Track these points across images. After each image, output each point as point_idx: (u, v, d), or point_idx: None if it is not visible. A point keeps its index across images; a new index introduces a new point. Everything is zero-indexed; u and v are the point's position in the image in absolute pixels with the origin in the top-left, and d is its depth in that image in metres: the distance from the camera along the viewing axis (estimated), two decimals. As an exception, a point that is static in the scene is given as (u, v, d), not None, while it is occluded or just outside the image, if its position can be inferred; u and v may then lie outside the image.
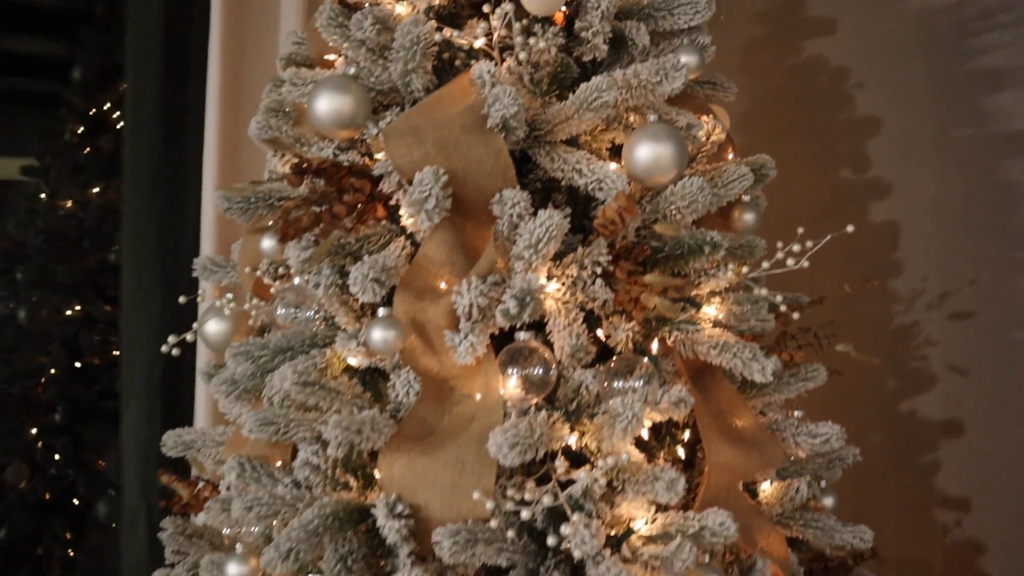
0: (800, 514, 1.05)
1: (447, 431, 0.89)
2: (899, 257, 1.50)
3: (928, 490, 1.48)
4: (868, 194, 1.51)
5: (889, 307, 1.51)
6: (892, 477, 1.47)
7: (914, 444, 1.50)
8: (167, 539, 1.06)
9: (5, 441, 2.16)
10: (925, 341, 1.48)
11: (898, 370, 1.50)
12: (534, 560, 0.87)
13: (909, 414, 1.51)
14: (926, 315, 1.49)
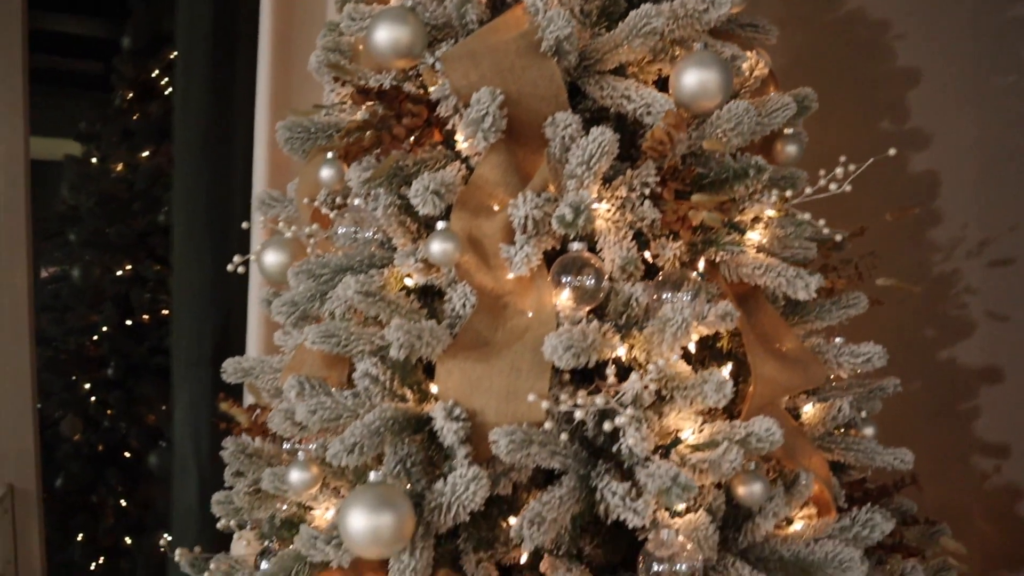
0: (842, 438, 1.08)
1: (502, 342, 0.93)
2: (939, 205, 1.51)
3: (967, 437, 1.49)
4: (908, 143, 1.52)
5: (928, 256, 1.52)
6: (930, 425, 1.48)
7: (953, 392, 1.52)
8: (229, 457, 1.10)
9: (60, 395, 2.24)
10: (964, 289, 1.50)
11: (937, 318, 1.52)
12: (585, 467, 0.91)
13: (948, 362, 1.52)
14: (966, 263, 1.50)
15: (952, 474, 1.46)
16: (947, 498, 1.37)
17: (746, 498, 0.91)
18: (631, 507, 0.84)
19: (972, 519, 1.46)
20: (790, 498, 0.95)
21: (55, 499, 2.15)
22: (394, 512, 0.82)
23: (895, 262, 1.34)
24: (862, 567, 0.87)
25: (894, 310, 1.12)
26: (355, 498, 0.82)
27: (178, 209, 1.98)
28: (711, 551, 0.87)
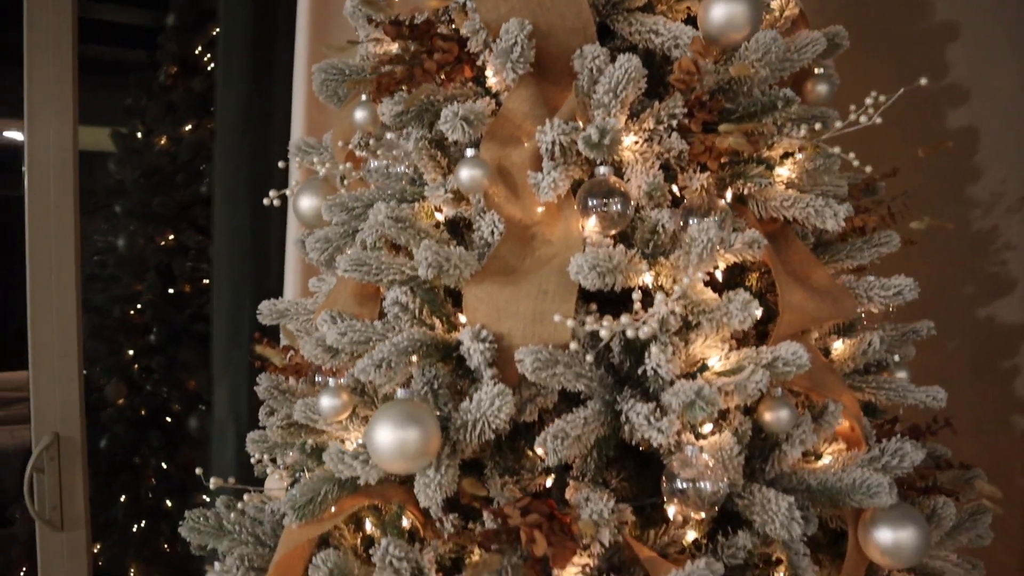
0: (873, 377, 1.07)
1: (529, 268, 0.94)
2: (977, 162, 1.49)
3: (1007, 395, 1.46)
4: (946, 101, 1.50)
5: (967, 212, 1.50)
6: (969, 383, 1.46)
7: (992, 349, 1.49)
8: (263, 393, 1.13)
9: (105, 361, 2.31)
10: (1004, 245, 1.47)
11: (976, 275, 1.49)
12: (611, 393, 0.91)
13: (987, 319, 1.49)
14: (1005, 219, 1.47)
15: (992, 433, 1.43)
16: (986, 456, 1.34)
17: (773, 424, 0.91)
18: (655, 426, 0.84)
19: (1012, 477, 1.43)
20: (818, 428, 0.94)
21: (100, 460, 2.22)
22: (420, 427, 0.84)
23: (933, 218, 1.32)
24: (891, 493, 0.87)
25: (933, 267, 1.11)
26: (382, 413, 0.84)
27: (219, 180, 2.03)
28: (735, 473, 0.87)
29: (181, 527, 1.04)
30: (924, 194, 1.25)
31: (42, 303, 1.62)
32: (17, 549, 2.20)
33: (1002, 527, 1.10)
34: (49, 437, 1.56)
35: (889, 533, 0.92)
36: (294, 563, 0.95)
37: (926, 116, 1.48)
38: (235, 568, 0.96)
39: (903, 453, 0.92)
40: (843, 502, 0.89)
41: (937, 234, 1.34)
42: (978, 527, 1.06)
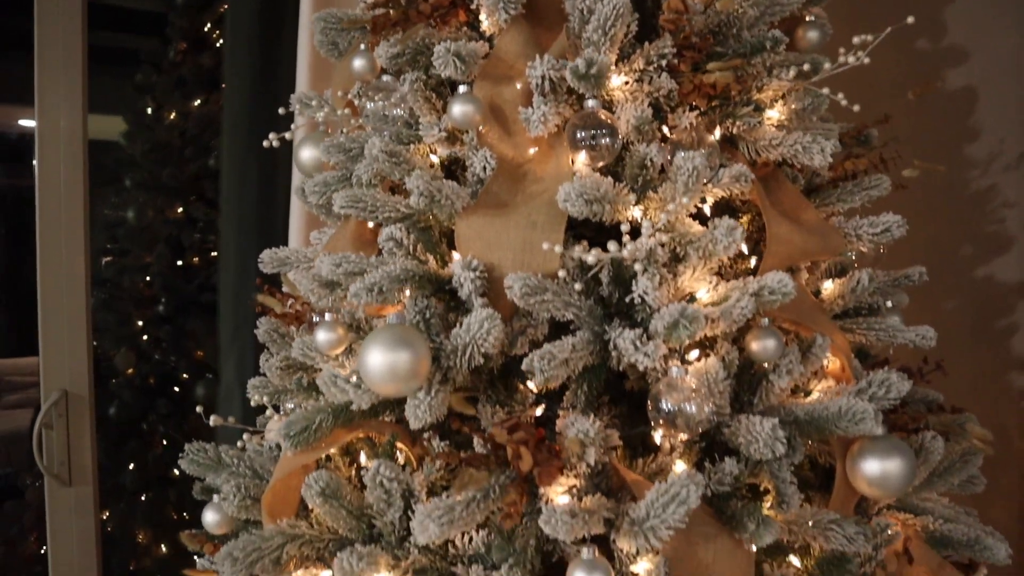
0: (864, 319, 1.08)
1: (520, 203, 0.96)
2: (976, 121, 1.49)
3: (1005, 354, 1.47)
4: (945, 61, 1.50)
5: (965, 172, 1.50)
6: (968, 343, 1.46)
7: (990, 309, 1.49)
8: (263, 336, 1.15)
9: (115, 331, 2.35)
10: (1002, 203, 1.47)
11: (974, 235, 1.49)
12: (600, 324, 0.93)
13: (985, 279, 1.49)
14: (1003, 177, 1.47)
15: (990, 392, 1.43)
16: (984, 417, 1.34)
17: (759, 354, 0.92)
18: (642, 350, 0.86)
19: (1011, 438, 1.43)
20: (806, 361, 0.95)
21: (108, 427, 2.26)
22: (411, 350, 0.85)
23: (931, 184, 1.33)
24: (876, 420, 0.88)
25: (930, 229, 1.12)
26: (374, 337, 0.86)
27: (227, 154, 2.06)
28: (722, 399, 0.88)
29: (181, 459, 1.07)
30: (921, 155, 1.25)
31: (51, 260, 1.65)
32: (29, 515, 2.24)
33: (999, 487, 1.11)
34: (57, 393, 1.59)
35: (876, 464, 0.93)
36: (289, 492, 0.97)
37: (925, 76, 1.49)
38: (232, 495, 0.98)
39: (889, 383, 0.92)
40: (829, 431, 0.90)
41: (935, 195, 1.35)
42: (969, 468, 1.07)
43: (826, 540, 0.89)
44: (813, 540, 0.90)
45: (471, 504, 0.80)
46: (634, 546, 0.79)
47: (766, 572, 0.90)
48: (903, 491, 0.93)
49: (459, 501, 0.79)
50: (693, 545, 0.82)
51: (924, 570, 0.99)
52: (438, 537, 0.78)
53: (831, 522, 0.89)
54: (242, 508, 0.98)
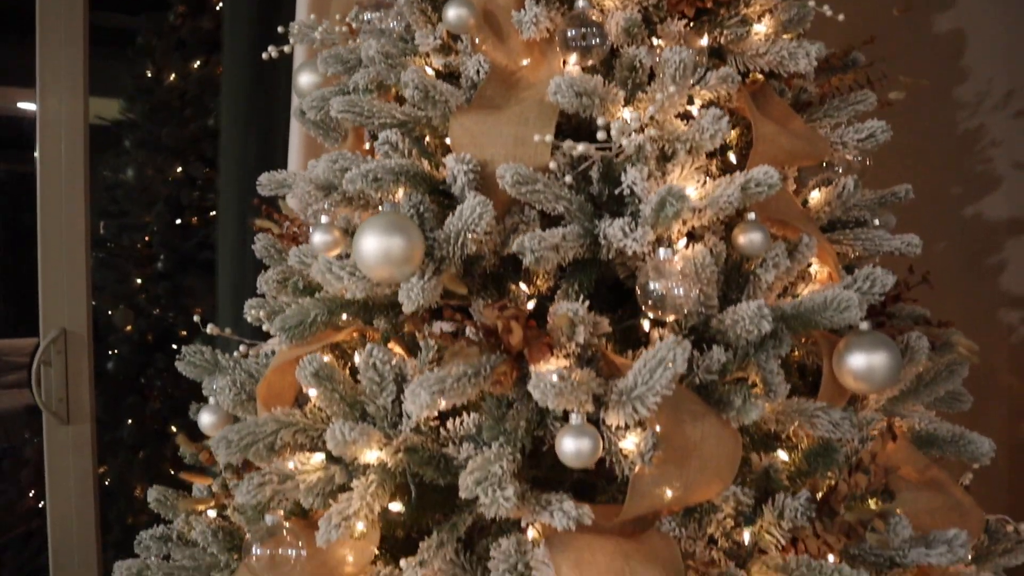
0: (851, 230, 1.09)
1: (512, 104, 0.98)
2: (965, 63, 1.51)
3: (994, 290, 1.48)
4: (930, 6, 1.53)
5: (953, 114, 1.52)
6: (958, 282, 1.47)
7: (980, 246, 1.51)
8: (260, 251, 1.17)
9: (114, 288, 2.37)
10: (990, 143, 1.49)
11: (963, 175, 1.51)
12: (590, 220, 0.94)
13: (974, 217, 1.51)
14: (991, 117, 1.49)
15: (980, 328, 1.44)
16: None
17: (746, 247, 0.94)
18: (630, 236, 0.88)
19: (999, 374, 1.44)
20: (792, 258, 0.97)
21: (107, 382, 2.28)
22: (404, 235, 0.87)
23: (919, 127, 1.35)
24: (860, 308, 0.89)
25: (920, 171, 1.13)
26: (368, 223, 0.87)
27: (226, 114, 2.08)
28: (708, 287, 0.90)
29: (178, 362, 1.08)
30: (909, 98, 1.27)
31: (51, 201, 1.66)
32: (27, 471, 2.25)
33: (988, 423, 1.12)
34: (56, 331, 1.60)
35: (862, 358, 0.94)
36: (284, 388, 0.99)
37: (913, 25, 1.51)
38: (227, 390, 0.99)
39: (874, 277, 0.94)
40: (815, 323, 0.92)
41: (923, 138, 1.37)
42: (955, 379, 1.09)
43: (812, 427, 0.90)
44: (800, 428, 0.91)
45: (462, 378, 0.81)
46: (622, 417, 0.80)
47: (754, 463, 0.92)
48: (889, 385, 0.95)
49: (451, 374, 0.80)
50: (681, 423, 0.84)
51: (910, 470, 1.00)
52: (429, 406, 0.79)
53: (817, 409, 0.90)
54: (237, 403, 0.99)
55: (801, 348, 1.02)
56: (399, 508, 0.86)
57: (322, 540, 0.81)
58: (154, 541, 1.09)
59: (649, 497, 0.82)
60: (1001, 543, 1.05)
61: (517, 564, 0.80)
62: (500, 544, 0.81)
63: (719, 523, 0.88)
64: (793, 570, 0.83)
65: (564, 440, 0.78)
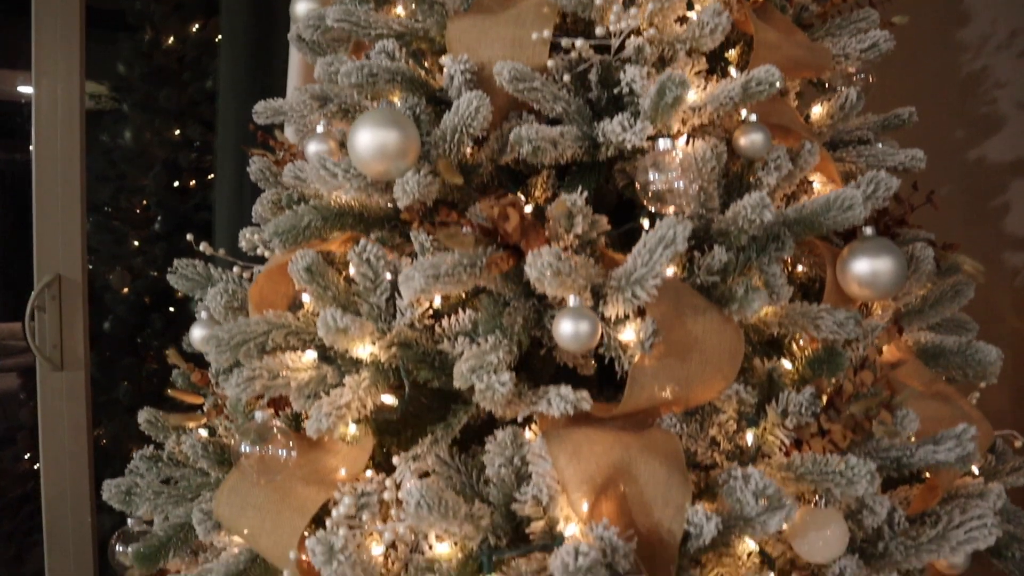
0: (854, 146, 1.08)
1: (510, 6, 0.96)
2: (967, 5, 1.50)
3: (998, 234, 1.46)
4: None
5: (956, 56, 1.50)
6: (962, 226, 1.46)
7: (983, 189, 1.49)
8: (255, 173, 1.15)
9: (111, 249, 2.35)
10: (994, 84, 1.47)
11: (967, 117, 1.50)
12: (588, 124, 0.93)
13: (977, 161, 1.50)
14: (995, 58, 1.48)
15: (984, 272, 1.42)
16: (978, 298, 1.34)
17: (747, 149, 0.92)
18: (630, 131, 0.86)
19: (1004, 317, 1.42)
20: (795, 166, 0.95)
21: (104, 342, 2.26)
22: (400, 130, 0.86)
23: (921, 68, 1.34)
24: (864, 206, 0.87)
25: (922, 114, 1.11)
26: (363, 117, 0.86)
27: (223, 75, 2.07)
28: (709, 183, 0.88)
29: (170, 275, 1.06)
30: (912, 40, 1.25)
31: (47, 143, 1.64)
32: (23, 435, 2.23)
33: None
34: (51, 276, 1.58)
35: (866, 263, 0.93)
36: (277, 296, 0.97)
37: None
38: (218, 296, 0.97)
39: (878, 180, 0.92)
40: (819, 224, 0.90)
41: (926, 81, 1.36)
42: (960, 299, 1.07)
43: (816, 330, 0.88)
44: (804, 338, 0.89)
45: (458, 266, 0.79)
46: (621, 304, 0.79)
47: (756, 367, 0.90)
48: (894, 291, 0.93)
49: (446, 261, 0.79)
50: (681, 316, 0.82)
51: (916, 383, 0.98)
52: (423, 290, 0.77)
53: (821, 310, 0.88)
54: (228, 312, 0.97)
55: (806, 259, 1.00)
56: (392, 401, 0.84)
57: (312, 430, 0.79)
58: (144, 462, 1.07)
59: (649, 390, 0.80)
60: (1008, 463, 1.03)
61: (513, 457, 0.78)
62: (496, 436, 0.79)
63: (721, 425, 0.86)
64: (798, 467, 0.80)
65: (562, 323, 0.76)
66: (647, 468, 0.76)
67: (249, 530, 0.85)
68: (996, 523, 0.86)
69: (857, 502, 0.83)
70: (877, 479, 0.76)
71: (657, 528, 0.76)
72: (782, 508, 0.73)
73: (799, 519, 0.82)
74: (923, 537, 0.86)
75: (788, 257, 0.91)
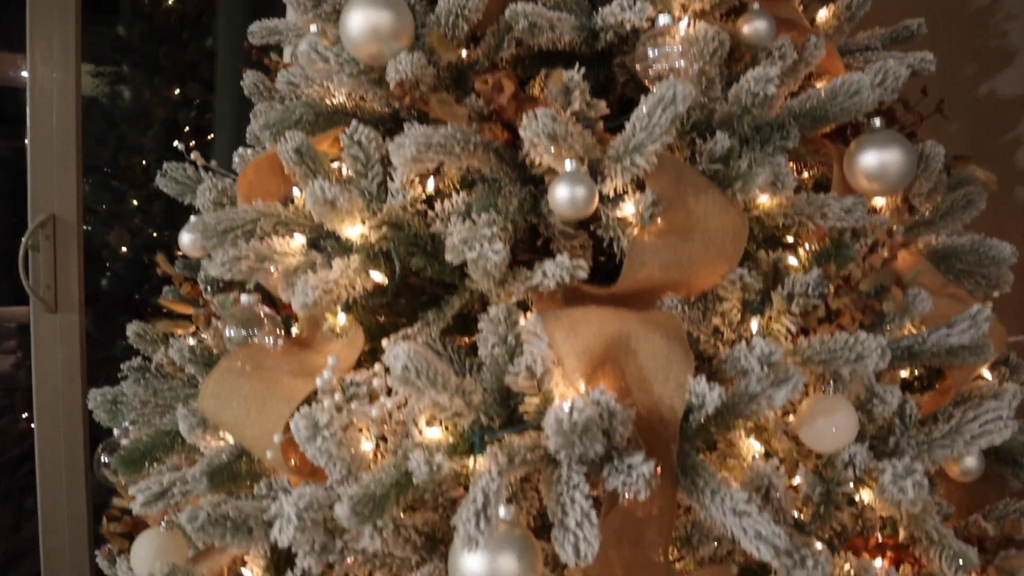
0: (860, 52, 1.05)
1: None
2: (976, -62, 1.47)
3: (1009, 169, 1.43)
4: None
5: (967, -9, 1.48)
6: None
7: (994, 126, 1.46)
8: (248, 87, 1.13)
9: (110, 208, 2.33)
10: (1004, 16, 1.44)
11: (977, 53, 1.46)
12: (587, 16, 0.90)
13: (988, 95, 1.46)
14: (1006, -12, 1.45)
15: (994, 208, 1.39)
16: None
17: (751, 37, 0.90)
18: (630, 10, 0.84)
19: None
20: (800, 54, 0.92)
21: (101, 298, 2.23)
22: (392, 9, 0.83)
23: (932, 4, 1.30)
24: (872, 90, 0.84)
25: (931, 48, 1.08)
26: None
27: (222, 33, 2.06)
28: (711, 66, 0.85)
29: (159, 178, 1.04)
30: None
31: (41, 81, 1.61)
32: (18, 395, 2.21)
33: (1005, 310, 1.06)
34: (44, 215, 1.56)
35: (875, 156, 0.90)
36: (266, 191, 0.94)
37: None
38: (207, 192, 0.95)
39: (886, 69, 0.89)
40: (826, 113, 0.87)
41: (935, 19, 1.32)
42: (971, 210, 1.03)
43: (823, 219, 0.85)
44: (809, 221, 0.86)
45: (451, 137, 0.77)
46: (619, 175, 0.76)
47: (761, 259, 0.86)
48: (903, 184, 0.90)
49: (439, 131, 0.76)
50: (682, 194, 0.79)
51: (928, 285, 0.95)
52: (415, 157, 0.74)
53: (827, 198, 0.85)
54: (217, 207, 0.95)
55: (811, 158, 0.97)
56: (381, 279, 0.81)
57: (298, 304, 0.76)
58: (132, 372, 1.04)
59: (648, 268, 0.77)
60: (1022, 375, 1.00)
61: (507, 336, 0.75)
62: (489, 312, 0.75)
63: (724, 314, 0.82)
64: (805, 350, 0.77)
65: (558, 188, 0.74)
66: (647, 342, 0.73)
67: (234, 420, 0.82)
68: (1012, 419, 0.82)
69: (867, 391, 0.80)
70: (887, 354, 0.73)
71: (657, 405, 0.72)
72: (788, 380, 0.70)
73: (806, 408, 0.79)
74: (936, 433, 0.83)
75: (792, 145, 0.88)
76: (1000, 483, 0.97)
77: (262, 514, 0.75)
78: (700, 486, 0.70)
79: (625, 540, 0.74)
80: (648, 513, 0.73)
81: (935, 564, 0.81)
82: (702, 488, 0.69)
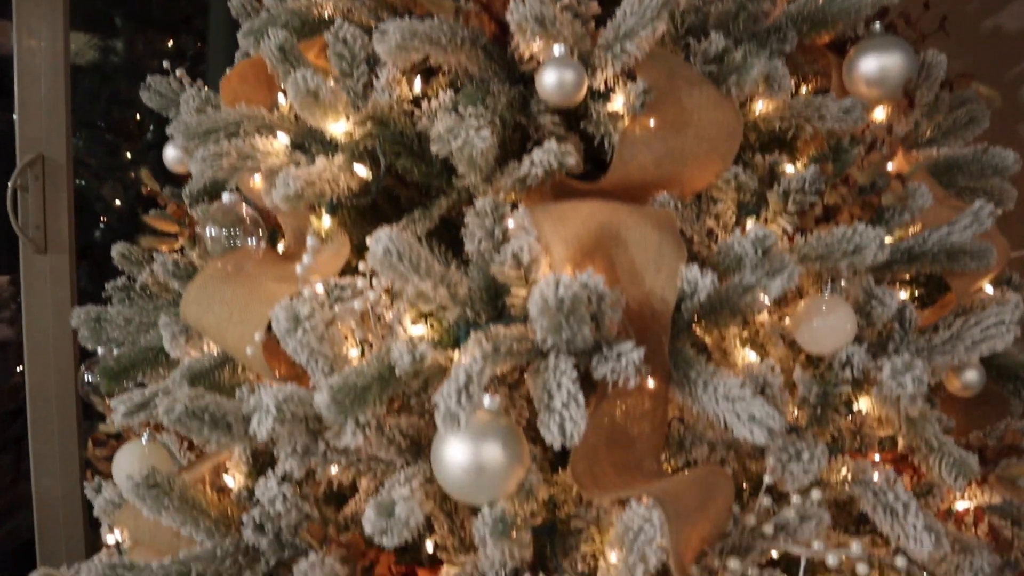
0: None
1: None
2: None
3: (1013, 104, 1.40)
4: None
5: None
6: (975, 99, 1.39)
7: (1000, 61, 1.43)
8: (237, 6, 1.10)
9: (103, 161, 2.31)
10: (1010, -52, 1.41)
11: (981, -14, 1.43)
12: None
13: (993, 30, 1.43)
14: (1012, -79, 1.42)
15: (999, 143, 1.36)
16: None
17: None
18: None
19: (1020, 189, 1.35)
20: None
21: (95, 250, 2.21)
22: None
23: None
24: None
25: None
26: None
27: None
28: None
29: (142, 91, 1.03)
30: None
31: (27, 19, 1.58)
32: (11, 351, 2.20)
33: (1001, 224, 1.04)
34: (33, 155, 1.53)
35: (874, 60, 0.88)
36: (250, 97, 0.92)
37: None
38: (191, 100, 0.93)
39: (888, -31, 0.87)
40: (824, 16, 0.85)
41: None
42: (974, 128, 1.01)
43: (821, 120, 0.82)
44: (807, 123, 0.83)
45: (437, 29, 0.74)
46: (610, 64, 0.73)
47: (757, 163, 0.84)
48: (901, 87, 0.88)
49: (425, 22, 0.74)
50: (675, 87, 0.77)
51: (929, 201, 0.92)
52: (400, 46, 0.72)
53: (825, 99, 0.83)
54: (201, 113, 0.93)
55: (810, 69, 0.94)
56: (366, 174, 0.79)
57: (279, 196, 0.73)
58: (116, 291, 1.02)
59: (639, 159, 0.75)
60: None
61: (494, 230, 0.73)
62: (475, 205, 0.73)
63: (718, 216, 0.80)
64: (801, 248, 0.75)
65: (545, 73, 0.71)
66: (638, 233, 0.71)
67: (216, 324, 0.81)
68: (1016, 324, 0.80)
69: (865, 294, 0.78)
70: (886, 247, 0.71)
71: (649, 297, 0.70)
72: (784, 269, 0.68)
73: (802, 308, 0.77)
74: (936, 339, 0.80)
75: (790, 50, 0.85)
76: (1001, 403, 0.95)
77: (242, 413, 0.73)
78: (692, 378, 0.67)
79: (617, 442, 0.72)
80: (640, 409, 0.71)
81: (934, 472, 0.79)
82: (694, 380, 0.67)
